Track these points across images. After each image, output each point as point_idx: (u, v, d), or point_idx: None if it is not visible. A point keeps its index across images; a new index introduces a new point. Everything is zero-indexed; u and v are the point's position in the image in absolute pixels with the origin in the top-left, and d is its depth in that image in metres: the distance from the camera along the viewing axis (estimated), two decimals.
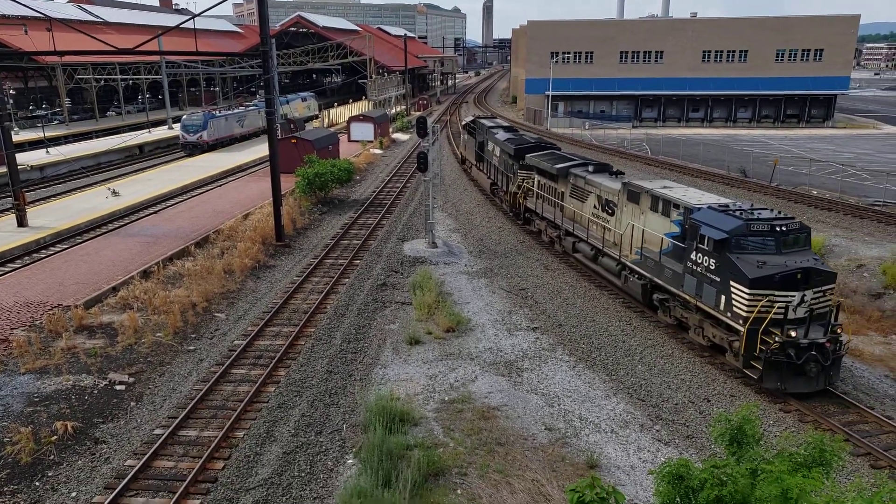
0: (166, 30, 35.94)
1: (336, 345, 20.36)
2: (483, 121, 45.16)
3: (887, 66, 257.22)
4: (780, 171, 47.94)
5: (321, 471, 14.19)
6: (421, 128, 30.55)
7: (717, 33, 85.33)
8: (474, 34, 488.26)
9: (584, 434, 15.75)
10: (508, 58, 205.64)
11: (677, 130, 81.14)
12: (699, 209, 19.14)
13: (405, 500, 12.63)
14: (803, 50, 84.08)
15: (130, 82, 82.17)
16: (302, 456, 14.65)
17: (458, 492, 13.40)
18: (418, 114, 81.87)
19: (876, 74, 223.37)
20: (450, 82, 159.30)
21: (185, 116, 59.82)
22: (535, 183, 31.57)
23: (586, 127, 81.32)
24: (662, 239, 20.55)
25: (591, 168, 27.21)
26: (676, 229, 20.06)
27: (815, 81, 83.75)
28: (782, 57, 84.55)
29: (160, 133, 67.24)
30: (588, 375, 18.77)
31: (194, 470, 13.68)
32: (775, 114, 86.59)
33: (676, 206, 20.21)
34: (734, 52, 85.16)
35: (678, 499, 7.64)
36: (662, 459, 14.07)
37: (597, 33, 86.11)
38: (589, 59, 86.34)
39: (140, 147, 60.98)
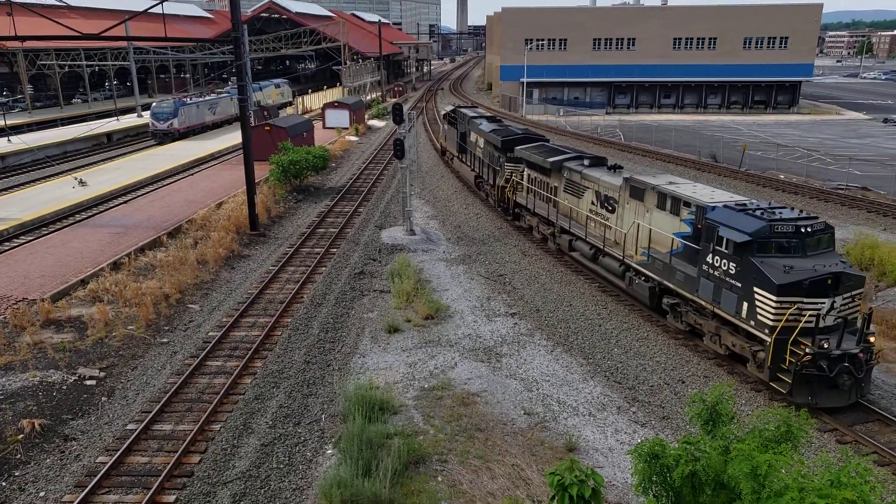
0: (134, 14, 35.17)
1: (314, 334, 20.18)
2: (464, 110, 42.89)
3: (848, 53, 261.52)
4: (748, 156, 48.59)
5: (300, 462, 14.08)
6: (397, 114, 30.31)
7: (686, 20, 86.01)
8: (449, 21, 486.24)
9: (563, 417, 15.84)
10: (483, 44, 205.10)
11: (650, 117, 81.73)
12: (714, 208, 17.81)
13: (386, 489, 12.58)
14: (769, 37, 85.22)
15: (97, 69, 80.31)
16: (280, 447, 14.51)
17: (439, 479, 13.39)
18: (394, 100, 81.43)
19: (838, 62, 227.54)
20: (425, 69, 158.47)
21: (154, 104, 58.66)
22: (525, 177, 29.82)
23: (561, 114, 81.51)
24: (673, 239, 19.21)
25: (586, 162, 25.62)
26: (688, 229, 18.73)
27: (780, 68, 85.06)
28: (749, 44, 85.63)
29: (129, 121, 65.92)
30: (566, 359, 18.86)
31: (169, 465, 13.47)
32: (744, 100, 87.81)
33: (687, 204, 18.82)
34: (703, 39, 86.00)
35: (654, 477, 7.74)
36: (639, 440, 14.19)
37: (570, 20, 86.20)
38: (563, 46, 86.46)
39: (108, 135, 59.73)
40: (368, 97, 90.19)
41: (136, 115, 69.05)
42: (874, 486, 6.49)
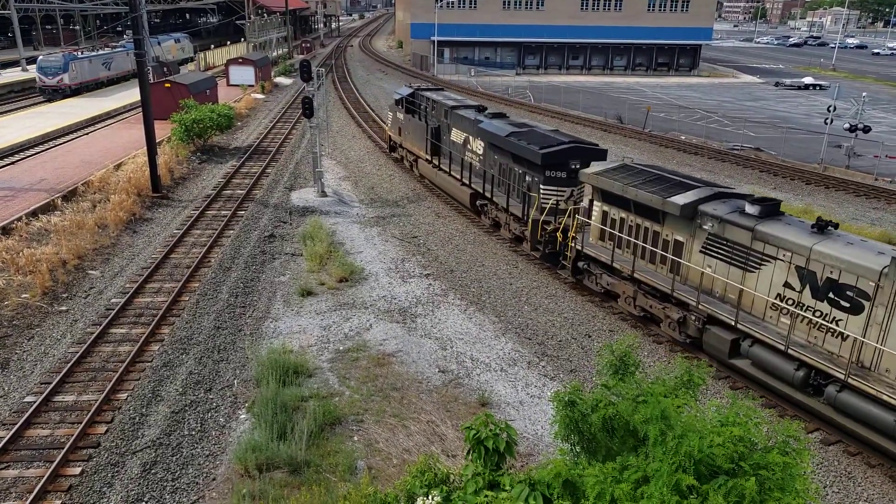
0: None
1: (223, 299, 19.73)
2: (432, 95, 30.92)
3: (744, 18, 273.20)
4: (652, 118, 50.38)
5: (213, 428, 13.89)
6: (305, 71, 29.46)
7: None
8: None
9: (476, 374, 16.29)
10: (393, 0, 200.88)
11: (558, 78, 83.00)
12: None
13: (302, 451, 12.63)
14: (671, 1, 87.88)
15: None
16: (192, 414, 14.24)
17: (355, 438, 13.56)
18: (302, 57, 78.89)
19: (735, 26, 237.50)
20: (333, 25, 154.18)
21: (41, 57, 54.35)
22: (598, 213, 19.81)
23: (472, 74, 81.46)
24: None
25: (752, 209, 15.55)
26: None
27: (682, 31, 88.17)
28: (653, 7, 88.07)
29: (12, 75, 61.03)
30: (479, 318, 19.31)
31: (73, 436, 12.99)
32: (648, 62, 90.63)
33: None
34: (610, 1, 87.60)
35: (572, 423, 8.13)
36: (549, 393, 14.85)
37: None
38: (473, 5, 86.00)
39: None
40: (275, 53, 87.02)
41: (20, 69, 63.97)
42: (757, 423, 7.10)
